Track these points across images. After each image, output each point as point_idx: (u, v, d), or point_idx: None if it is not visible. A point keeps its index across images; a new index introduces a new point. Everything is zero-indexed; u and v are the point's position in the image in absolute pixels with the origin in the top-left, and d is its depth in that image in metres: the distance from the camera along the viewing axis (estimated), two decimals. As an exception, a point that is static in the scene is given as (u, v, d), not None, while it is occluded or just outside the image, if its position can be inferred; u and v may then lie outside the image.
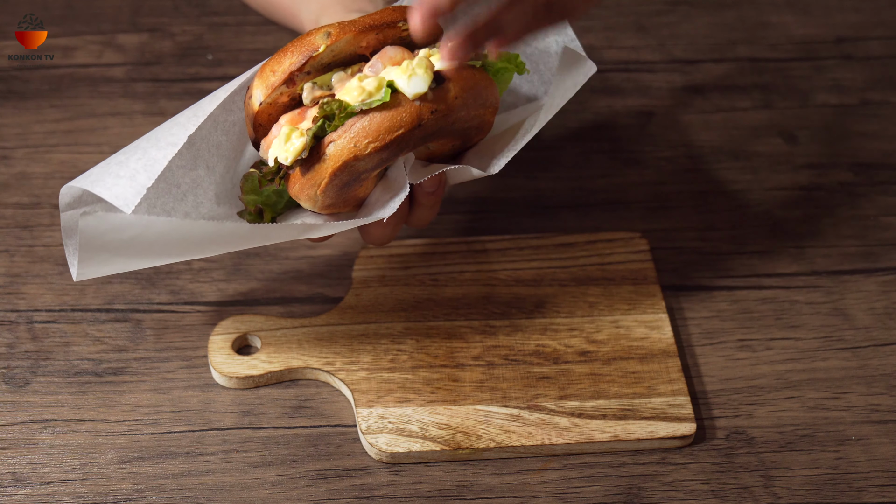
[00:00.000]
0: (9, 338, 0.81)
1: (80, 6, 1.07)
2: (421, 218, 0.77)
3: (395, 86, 0.69)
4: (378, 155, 0.69)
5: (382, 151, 0.69)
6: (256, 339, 0.80)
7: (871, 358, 0.80)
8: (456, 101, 0.70)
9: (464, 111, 0.71)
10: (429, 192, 0.75)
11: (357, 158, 0.69)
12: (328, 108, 0.69)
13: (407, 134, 0.69)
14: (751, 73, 1.02)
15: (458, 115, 0.71)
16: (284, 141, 0.71)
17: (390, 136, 0.69)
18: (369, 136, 0.69)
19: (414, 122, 0.69)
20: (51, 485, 0.73)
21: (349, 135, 0.69)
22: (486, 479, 0.73)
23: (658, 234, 0.88)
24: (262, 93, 0.72)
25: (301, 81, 0.72)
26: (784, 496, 0.73)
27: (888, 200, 0.91)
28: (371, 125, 0.69)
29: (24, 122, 0.96)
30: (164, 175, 0.72)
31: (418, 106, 0.69)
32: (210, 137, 0.75)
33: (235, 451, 0.75)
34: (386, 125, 0.69)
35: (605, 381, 0.77)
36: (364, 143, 0.69)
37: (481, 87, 0.71)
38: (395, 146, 0.69)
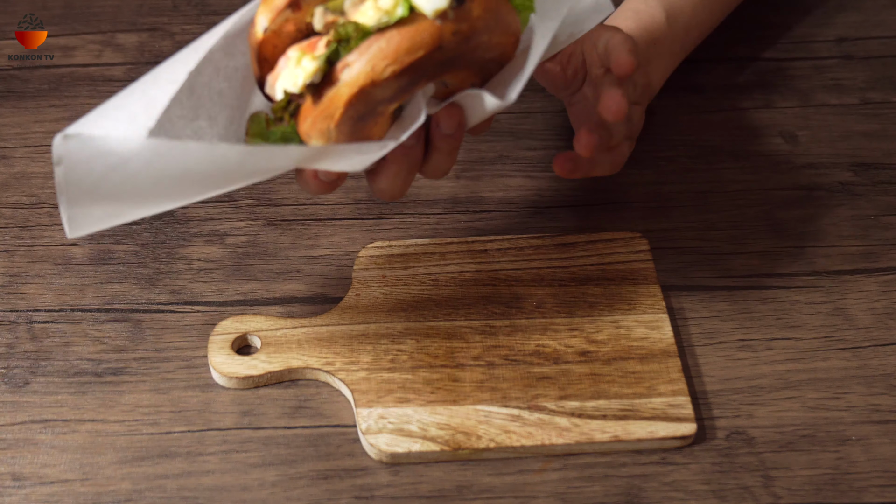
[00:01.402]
0: (8, 338, 0.81)
1: (79, 6, 1.07)
2: (437, 166, 0.73)
3: (412, 3, 0.64)
4: (396, 81, 0.65)
5: (401, 77, 0.65)
6: (256, 339, 0.80)
7: (871, 358, 0.80)
8: (478, 22, 0.66)
9: (486, 35, 0.66)
10: (446, 133, 0.71)
11: (374, 84, 0.65)
12: (342, 31, 0.65)
13: (427, 57, 0.65)
14: (751, 73, 1.02)
15: (479, 39, 0.66)
16: (295, 66, 0.66)
17: (409, 57, 0.65)
18: (387, 59, 0.65)
19: (434, 42, 0.65)
20: (50, 485, 0.73)
21: (366, 57, 0.65)
22: (486, 479, 0.73)
23: (658, 234, 0.88)
24: (267, 18, 0.68)
25: (306, 5, 0.67)
26: (784, 496, 0.72)
27: (888, 200, 0.91)
28: (389, 46, 0.65)
29: (24, 122, 0.96)
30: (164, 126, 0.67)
31: (439, 25, 0.65)
32: (211, 84, 0.70)
33: (235, 451, 0.75)
34: (405, 46, 0.65)
35: (605, 382, 0.77)
36: (382, 66, 0.65)
37: (503, 11, 0.67)
38: (415, 71, 0.65)
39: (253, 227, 0.88)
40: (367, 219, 0.88)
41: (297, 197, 0.90)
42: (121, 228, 0.87)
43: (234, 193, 0.90)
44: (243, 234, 0.87)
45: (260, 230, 0.88)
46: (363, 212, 0.89)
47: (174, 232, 0.87)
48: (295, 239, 0.87)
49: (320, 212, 0.89)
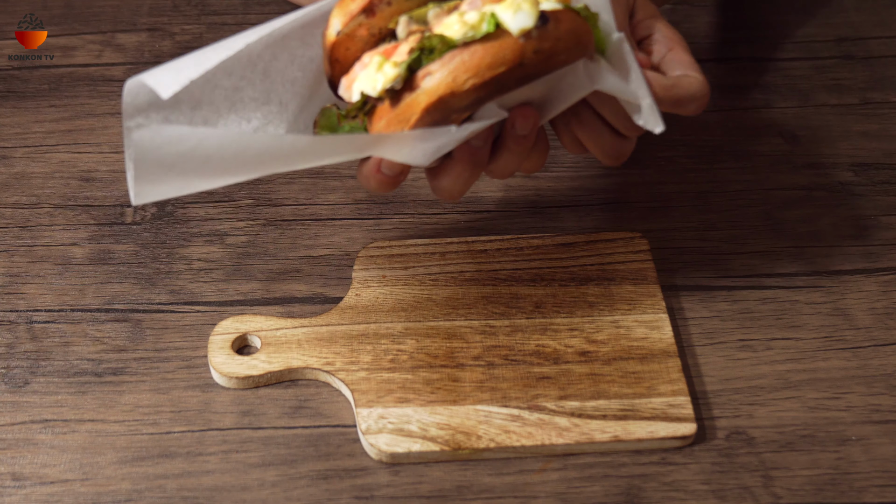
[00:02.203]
0: (8, 338, 0.81)
1: (79, 6, 1.07)
2: (505, 167, 0.73)
3: (498, 20, 0.66)
4: (475, 93, 0.66)
5: (481, 89, 0.66)
6: (256, 339, 0.80)
7: (871, 358, 0.80)
8: (559, 43, 0.66)
9: (564, 55, 0.67)
10: (521, 134, 0.71)
11: (454, 94, 0.66)
12: (428, 41, 0.66)
13: (507, 73, 0.66)
14: (751, 73, 1.02)
15: (558, 58, 0.67)
16: (376, 70, 0.67)
17: (491, 72, 0.66)
18: (469, 71, 0.66)
19: (516, 59, 0.66)
20: (50, 485, 0.73)
21: (448, 68, 0.66)
22: (486, 479, 0.73)
23: (658, 234, 0.88)
24: (340, 21, 0.69)
25: (381, 12, 0.69)
26: (784, 496, 0.72)
27: (888, 200, 0.91)
28: (472, 59, 0.65)
29: (24, 122, 0.96)
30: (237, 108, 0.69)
31: (522, 43, 0.66)
32: (286, 72, 0.72)
33: (235, 451, 0.75)
34: (488, 61, 0.66)
35: (605, 381, 0.77)
36: (463, 79, 0.66)
37: (582, 33, 0.68)
38: (494, 85, 0.66)
39: (253, 227, 0.88)
40: (367, 219, 0.88)
41: (297, 197, 0.90)
42: (121, 228, 0.87)
43: (234, 193, 0.90)
44: (243, 234, 0.87)
45: (260, 230, 0.88)
46: (363, 212, 0.89)
47: (174, 232, 0.87)
48: (295, 239, 0.87)
49: (320, 212, 0.89)
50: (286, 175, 0.91)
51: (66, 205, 0.89)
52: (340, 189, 0.91)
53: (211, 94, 0.71)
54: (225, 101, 0.72)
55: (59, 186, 0.91)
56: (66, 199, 0.90)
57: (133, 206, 0.89)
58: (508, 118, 0.71)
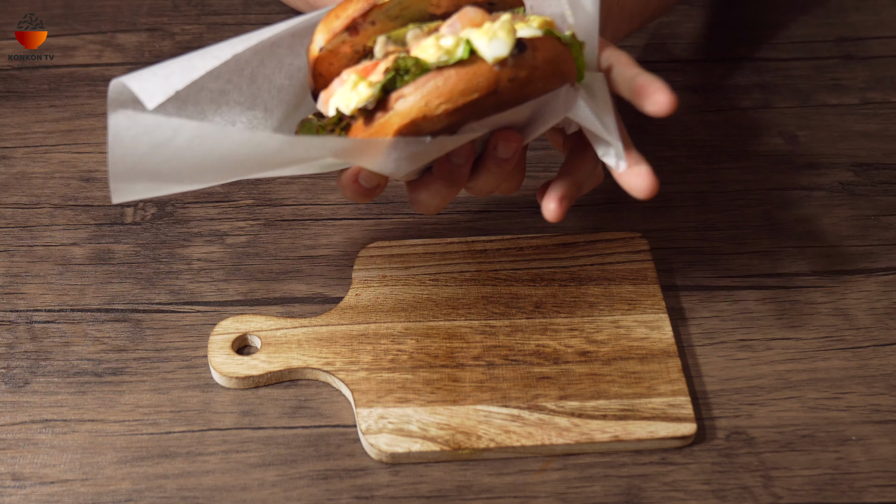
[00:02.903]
0: (8, 338, 0.81)
1: (79, 6, 1.07)
2: (484, 186, 0.73)
3: (473, 47, 0.65)
4: (448, 118, 0.66)
5: (453, 115, 0.66)
6: (256, 339, 0.80)
7: (871, 358, 0.80)
8: (536, 72, 0.66)
9: (542, 83, 0.67)
10: (502, 157, 0.71)
11: (426, 118, 0.66)
12: (402, 63, 0.66)
13: (481, 100, 0.66)
14: (751, 73, 1.02)
15: (535, 86, 0.67)
16: (351, 89, 0.67)
17: (463, 99, 0.65)
18: (442, 97, 0.65)
19: (490, 87, 0.65)
20: (50, 485, 0.73)
21: (421, 92, 0.65)
22: (486, 479, 0.73)
23: (658, 234, 0.88)
24: (324, 38, 0.69)
25: (364, 31, 0.69)
26: (784, 496, 0.72)
27: (888, 200, 0.91)
28: (445, 85, 0.65)
29: (24, 122, 0.96)
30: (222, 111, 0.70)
31: (497, 71, 0.65)
32: (273, 78, 0.72)
33: (235, 451, 0.75)
34: (461, 87, 0.65)
35: (605, 381, 0.77)
36: (436, 104, 0.65)
37: (562, 60, 0.67)
38: (467, 111, 0.66)
39: (253, 227, 0.88)
40: (367, 219, 0.88)
41: (297, 197, 0.90)
42: (121, 228, 0.87)
43: (234, 193, 0.90)
44: (243, 234, 0.87)
45: (260, 230, 0.88)
46: (363, 212, 0.89)
47: (174, 232, 0.87)
48: (295, 239, 0.87)
49: (320, 212, 0.89)
50: (286, 175, 0.91)
51: (66, 205, 0.89)
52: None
53: (196, 96, 0.71)
54: (210, 104, 0.72)
55: (59, 186, 0.91)
56: (66, 199, 0.90)
57: (133, 207, 0.89)
58: (491, 140, 0.71)
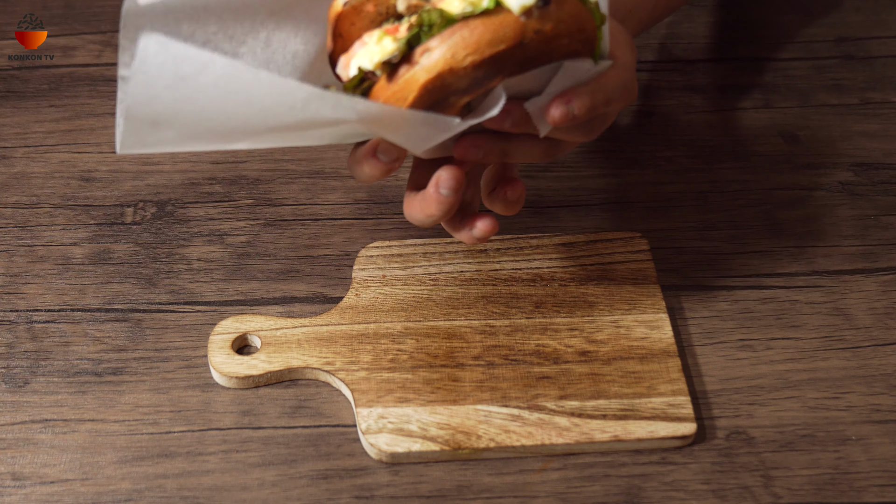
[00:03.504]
0: (8, 338, 0.81)
1: (80, 6, 1.07)
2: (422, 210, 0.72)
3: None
4: (474, 72, 0.65)
5: (479, 68, 0.65)
6: (256, 338, 0.80)
7: (871, 358, 0.80)
8: (560, 26, 0.66)
9: (565, 39, 0.66)
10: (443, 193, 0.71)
11: (452, 71, 0.65)
12: (427, 17, 0.65)
13: (507, 52, 0.65)
14: (751, 73, 1.02)
15: (559, 42, 0.66)
16: (376, 43, 0.66)
17: (490, 50, 0.65)
18: (469, 48, 0.64)
19: (517, 37, 0.65)
20: (50, 485, 0.73)
21: (447, 44, 0.65)
22: (486, 479, 0.73)
23: (658, 234, 0.88)
24: None
25: None
26: (784, 496, 0.72)
27: (888, 200, 0.91)
28: (472, 36, 0.64)
29: (24, 122, 0.96)
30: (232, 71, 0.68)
31: (523, 22, 0.65)
32: (287, 43, 0.71)
33: (235, 451, 0.75)
34: (487, 37, 0.64)
35: (605, 381, 0.77)
36: (462, 55, 0.65)
37: (584, 19, 0.67)
38: (493, 64, 0.65)
39: (253, 227, 0.88)
40: (367, 219, 0.88)
41: (297, 197, 0.90)
42: (121, 228, 0.87)
43: (234, 193, 0.90)
44: (243, 234, 0.87)
45: (260, 230, 0.88)
46: (363, 212, 0.89)
47: (174, 232, 0.87)
48: (295, 239, 0.87)
49: (320, 212, 0.89)
50: (286, 175, 0.92)
51: (66, 205, 0.89)
52: (340, 189, 0.91)
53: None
54: None
55: (59, 186, 0.91)
56: (66, 199, 0.90)
57: (133, 206, 0.89)
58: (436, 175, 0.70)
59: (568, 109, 0.69)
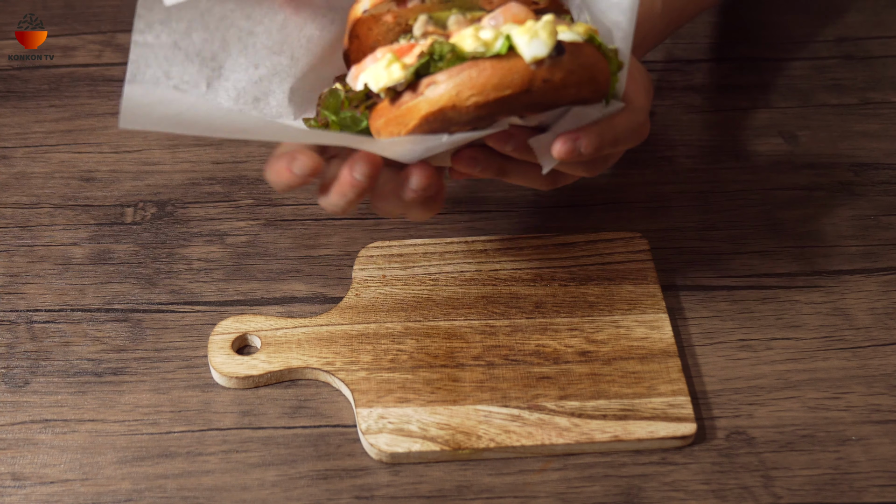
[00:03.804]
0: (8, 338, 0.81)
1: (79, 6, 1.07)
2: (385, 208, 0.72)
3: (513, 43, 0.65)
4: (476, 111, 0.65)
5: (482, 108, 0.65)
6: (256, 339, 0.80)
7: (871, 358, 0.80)
8: (571, 76, 0.66)
9: (574, 89, 0.66)
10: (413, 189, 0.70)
11: (454, 108, 0.65)
12: (438, 49, 0.65)
13: (512, 97, 0.65)
14: (751, 73, 1.02)
15: (568, 91, 0.66)
16: (384, 67, 0.67)
17: (496, 94, 0.65)
18: (474, 88, 0.65)
19: (524, 85, 0.65)
20: (50, 485, 0.73)
21: (454, 80, 0.65)
22: (486, 479, 0.73)
23: (658, 234, 0.88)
24: (370, 1, 0.69)
25: (412, 4, 0.68)
26: (784, 496, 0.72)
27: (888, 200, 0.91)
28: (479, 77, 0.65)
29: (24, 122, 0.96)
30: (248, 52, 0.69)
31: (532, 70, 0.65)
32: (304, 27, 0.71)
33: (235, 451, 0.75)
34: (494, 81, 0.65)
35: (605, 381, 0.77)
36: (467, 94, 0.65)
37: (598, 70, 0.67)
38: (497, 107, 0.66)
39: (253, 227, 0.88)
40: (367, 219, 0.88)
41: (297, 197, 0.90)
42: (121, 228, 0.87)
43: (234, 193, 0.90)
44: (243, 234, 0.87)
45: (260, 230, 0.88)
46: (363, 212, 0.89)
47: (174, 232, 0.87)
48: (295, 239, 0.87)
49: (320, 212, 0.89)
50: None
51: (66, 205, 0.89)
52: (340, 189, 0.91)
53: (225, 32, 0.70)
54: (237, 42, 0.71)
55: (59, 186, 0.91)
56: (66, 199, 0.90)
57: (133, 207, 0.89)
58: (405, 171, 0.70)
59: (575, 146, 0.69)
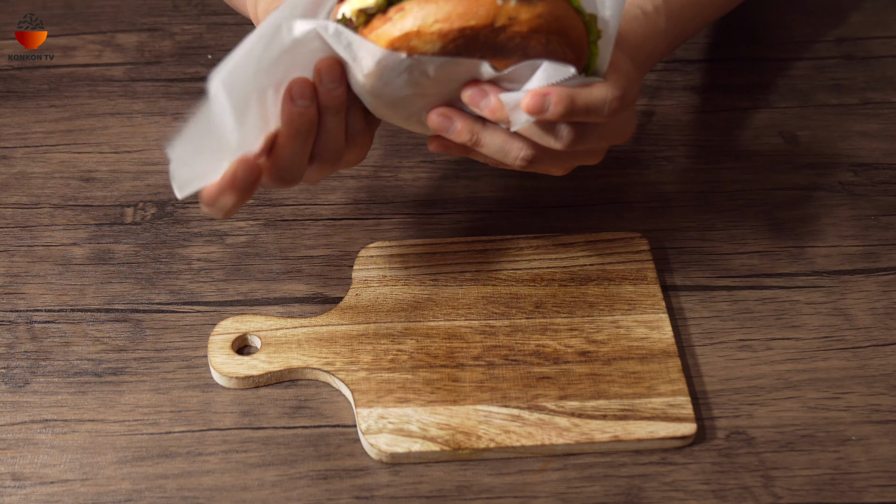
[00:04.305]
0: (8, 338, 0.81)
1: (79, 6, 1.07)
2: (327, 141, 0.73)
3: None
4: (441, 40, 0.66)
5: (447, 37, 0.66)
6: (256, 339, 0.80)
7: (871, 358, 0.80)
8: (538, 21, 0.67)
9: (543, 37, 0.67)
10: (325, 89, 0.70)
11: (419, 34, 0.66)
12: None
13: (478, 30, 0.66)
14: (751, 73, 1.02)
15: (536, 38, 0.67)
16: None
17: (460, 22, 0.66)
18: (439, 15, 0.66)
19: (489, 18, 0.66)
20: (50, 485, 0.73)
21: (420, 7, 0.66)
22: (486, 479, 0.73)
23: (658, 234, 0.88)
24: None
25: None
26: (784, 496, 0.72)
27: (888, 200, 0.91)
28: (446, 5, 0.66)
29: (24, 122, 0.96)
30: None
31: (498, 5, 0.66)
32: None
33: (235, 451, 0.75)
34: (460, 10, 0.66)
35: (605, 381, 0.77)
36: (431, 20, 0.66)
37: (570, 25, 0.68)
38: (462, 40, 0.66)
39: (253, 227, 0.88)
40: (367, 219, 0.89)
41: (297, 197, 0.90)
42: (121, 228, 0.87)
43: (234, 193, 0.90)
44: (243, 234, 0.87)
45: (260, 230, 0.88)
46: (363, 212, 0.89)
47: (174, 232, 0.87)
48: (295, 239, 0.87)
49: (320, 212, 0.89)
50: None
51: (66, 205, 0.89)
52: (340, 189, 0.91)
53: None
54: None
55: (59, 186, 0.91)
56: (66, 199, 0.90)
57: (133, 207, 0.89)
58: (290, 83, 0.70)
59: (544, 102, 0.69)
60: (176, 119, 0.96)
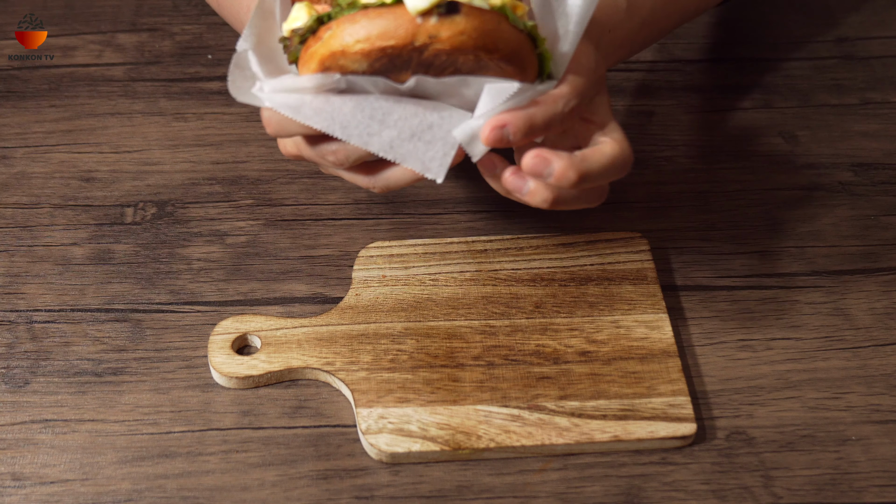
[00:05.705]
0: (8, 338, 0.81)
1: (80, 6, 1.07)
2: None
3: None
4: (365, 59, 0.67)
5: (370, 56, 0.67)
6: (256, 339, 0.80)
7: (871, 358, 0.80)
8: (462, 38, 0.66)
9: (471, 54, 0.67)
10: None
11: (344, 54, 0.67)
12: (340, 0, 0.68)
13: (399, 49, 0.66)
14: (751, 73, 1.02)
15: (464, 55, 0.67)
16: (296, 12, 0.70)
17: (380, 42, 0.66)
18: (359, 35, 0.66)
19: (408, 38, 0.66)
20: (50, 485, 0.73)
21: (343, 27, 0.67)
22: (486, 479, 0.73)
23: (658, 234, 0.88)
24: None
25: None
26: (784, 496, 0.73)
27: (888, 200, 0.91)
28: (365, 24, 0.66)
29: (24, 122, 0.96)
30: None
31: (418, 24, 0.66)
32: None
33: (235, 451, 0.75)
34: (378, 30, 0.66)
35: (605, 381, 0.77)
36: (352, 41, 0.66)
37: (502, 40, 0.67)
38: (386, 58, 0.67)
39: (253, 227, 0.88)
40: (367, 219, 0.89)
41: (297, 197, 0.90)
42: (121, 228, 0.87)
43: (234, 193, 0.90)
44: (243, 234, 0.87)
45: (260, 230, 0.88)
46: (363, 212, 0.89)
47: (174, 232, 0.87)
48: (295, 239, 0.87)
49: (320, 212, 0.89)
50: (286, 175, 0.91)
51: (66, 205, 0.89)
52: (340, 189, 0.91)
53: None
54: None
55: (59, 186, 0.91)
56: (66, 199, 0.90)
57: (133, 206, 0.89)
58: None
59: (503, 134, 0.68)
60: (176, 119, 0.96)
